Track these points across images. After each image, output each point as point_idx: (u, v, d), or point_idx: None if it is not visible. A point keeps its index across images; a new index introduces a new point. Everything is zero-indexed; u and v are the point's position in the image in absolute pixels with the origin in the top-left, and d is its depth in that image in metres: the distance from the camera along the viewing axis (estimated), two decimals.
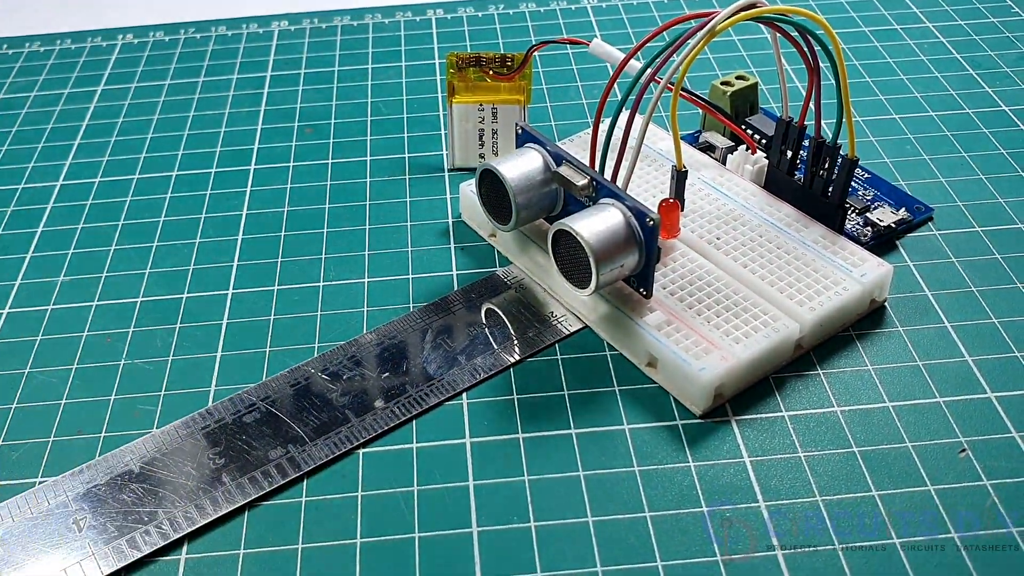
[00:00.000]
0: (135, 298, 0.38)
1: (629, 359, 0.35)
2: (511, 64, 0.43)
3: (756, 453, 0.31)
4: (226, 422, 0.33)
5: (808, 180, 0.38)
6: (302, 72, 0.52)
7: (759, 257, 0.36)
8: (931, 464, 0.31)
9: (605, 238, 0.33)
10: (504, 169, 0.36)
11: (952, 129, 0.46)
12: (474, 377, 0.34)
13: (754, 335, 0.33)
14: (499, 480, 0.31)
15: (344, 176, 0.44)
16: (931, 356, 0.35)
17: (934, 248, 0.39)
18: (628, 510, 0.30)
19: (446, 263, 0.39)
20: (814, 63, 0.36)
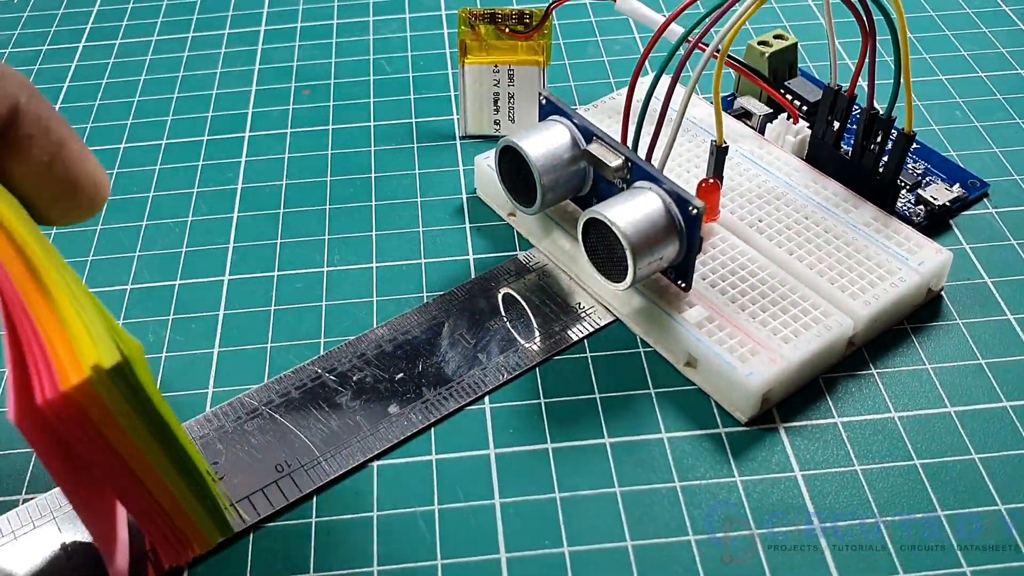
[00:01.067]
0: (124, 285, 0.35)
1: (666, 358, 0.32)
2: (529, 21, 0.39)
3: (808, 466, 0.29)
4: (226, 430, 0.30)
5: (857, 154, 0.35)
6: (298, 26, 0.48)
7: (806, 243, 0.33)
8: (1001, 480, 0.28)
9: (643, 228, 0.30)
10: (528, 146, 0.32)
11: (1004, 92, 0.42)
12: (497, 378, 0.31)
13: (804, 333, 0.30)
14: (528, 498, 0.28)
15: (346, 144, 0.41)
16: (994, 353, 0.32)
17: (991, 228, 0.36)
18: (670, 532, 0.27)
19: (461, 246, 0.36)
20: (869, 27, 0.32)
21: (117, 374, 0.21)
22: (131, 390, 0.21)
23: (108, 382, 0.20)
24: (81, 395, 0.20)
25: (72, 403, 0.20)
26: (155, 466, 0.23)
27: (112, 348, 0.21)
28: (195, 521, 0.25)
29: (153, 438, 0.22)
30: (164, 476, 0.23)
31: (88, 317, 0.21)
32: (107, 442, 0.22)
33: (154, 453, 0.23)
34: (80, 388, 0.20)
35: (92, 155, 0.24)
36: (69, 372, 0.20)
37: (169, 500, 0.24)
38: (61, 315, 0.21)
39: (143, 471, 0.23)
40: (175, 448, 0.23)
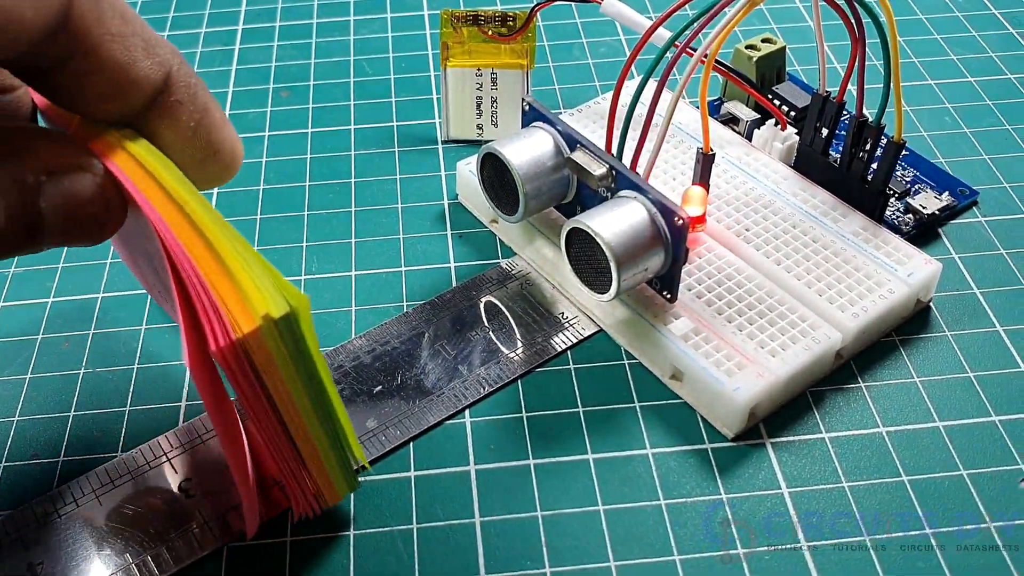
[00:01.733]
0: (95, 294, 0.34)
1: (650, 370, 0.31)
2: (513, 23, 0.38)
3: (795, 483, 0.28)
4: (197, 444, 0.29)
5: (846, 162, 0.34)
6: (277, 25, 0.47)
7: (794, 253, 0.32)
8: (989, 496, 0.28)
9: (627, 239, 0.29)
10: (510, 154, 0.32)
11: (993, 98, 0.42)
12: (478, 391, 0.31)
13: (792, 347, 0.30)
14: (509, 516, 0.28)
15: (326, 148, 0.40)
16: (983, 366, 0.31)
17: (981, 238, 0.35)
18: (655, 553, 0.27)
19: (443, 253, 0.35)
20: (859, 33, 0.32)
21: (285, 324, 0.22)
22: (295, 341, 0.22)
23: (276, 332, 0.22)
24: (252, 342, 0.21)
25: (243, 350, 0.21)
26: (303, 416, 0.24)
27: (280, 299, 0.22)
28: (329, 473, 0.26)
29: (306, 389, 0.23)
30: (309, 427, 0.24)
31: (254, 271, 0.22)
32: (265, 388, 0.23)
33: (304, 404, 0.24)
34: (252, 336, 0.21)
35: (230, 122, 0.25)
36: (240, 321, 0.21)
37: (309, 448, 0.25)
38: (228, 268, 0.21)
39: (292, 420, 0.24)
40: (324, 401, 0.24)
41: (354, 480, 0.27)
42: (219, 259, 0.21)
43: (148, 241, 0.24)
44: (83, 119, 0.23)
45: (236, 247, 0.22)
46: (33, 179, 0.21)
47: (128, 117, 0.23)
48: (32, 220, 0.22)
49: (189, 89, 0.23)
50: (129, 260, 0.31)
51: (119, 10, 0.21)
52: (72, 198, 0.22)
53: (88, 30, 0.21)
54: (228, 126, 0.25)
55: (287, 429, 0.24)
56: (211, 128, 0.24)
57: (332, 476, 0.26)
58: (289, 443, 0.24)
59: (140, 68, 0.22)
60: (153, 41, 0.22)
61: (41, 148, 0.22)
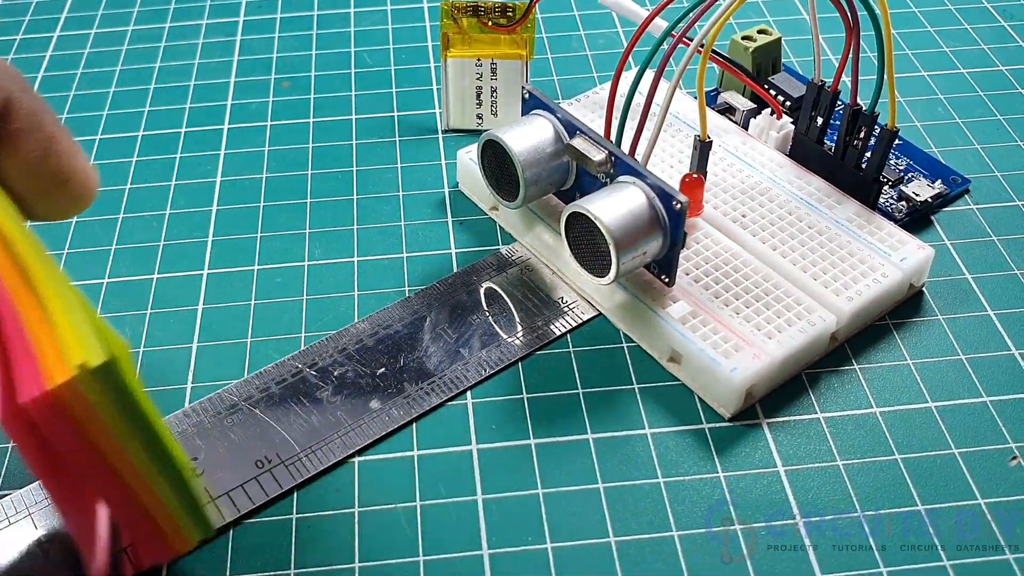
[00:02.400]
0: (100, 279, 0.35)
1: (649, 353, 0.32)
2: (512, 14, 0.39)
3: (791, 461, 0.29)
4: (205, 425, 0.30)
5: (840, 150, 0.35)
6: (278, 16, 0.47)
7: (789, 239, 0.33)
8: (981, 474, 0.28)
9: (626, 223, 0.29)
10: (510, 140, 0.32)
11: (986, 89, 0.42)
12: (480, 373, 0.31)
13: (788, 329, 0.30)
14: (510, 494, 0.28)
15: (327, 138, 0.40)
16: (975, 348, 0.32)
17: (972, 225, 0.36)
18: (653, 529, 0.27)
19: (443, 240, 0.36)
20: (853, 22, 0.32)
21: (103, 373, 0.20)
22: (116, 389, 0.21)
23: (93, 381, 0.20)
24: (67, 393, 0.20)
25: (57, 401, 0.20)
26: (137, 465, 0.23)
27: (98, 347, 0.20)
28: (176, 520, 0.25)
29: (136, 437, 0.22)
30: (146, 475, 0.23)
31: (75, 315, 0.21)
32: (90, 440, 0.21)
33: (136, 452, 0.22)
34: (66, 386, 0.20)
35: (82, 150, 0.24)
36: (54, 370, 0.20)
37: (150, 498, 0.24)
38: (48, 312, 0.20)
39: (125, 470, 0.22)
40: (158, 447, 0.23)
41: (207, 525, 0.25)
42: (40, 303, 0.21)
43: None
44: None
45: (60, 290, 0.21)
46: None
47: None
48: None
49: (33, 117, 0.22)
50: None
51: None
52: None
53: None
54: (80, 154, 0.24)
55: (122, 478, 0.23)
56: (59, 157, 0.23)
57: (180, 521, 0.25)
58: (127, 492, 0.23)
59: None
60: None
61: None
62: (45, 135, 0.22)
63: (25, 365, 0.20)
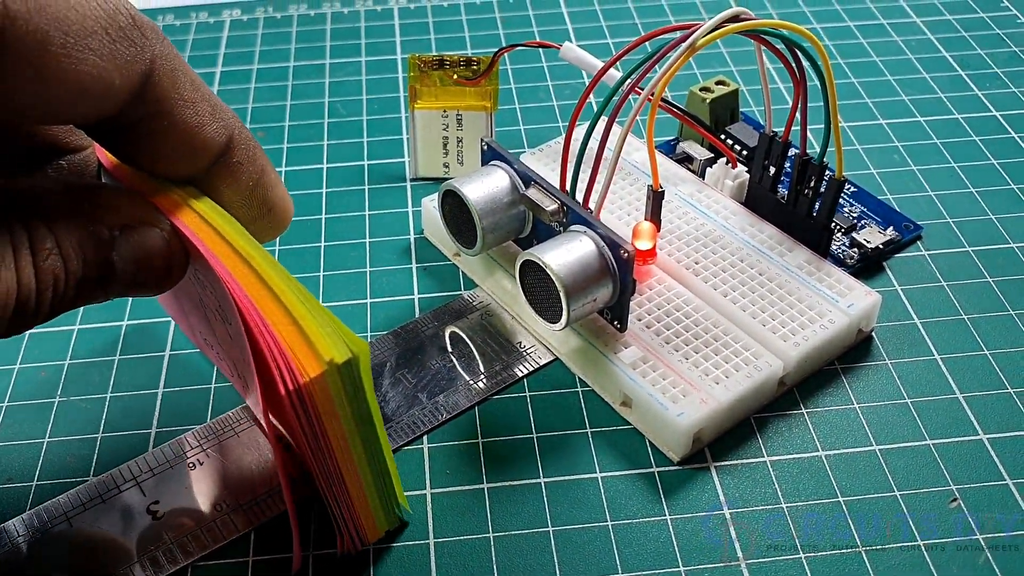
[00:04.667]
0: (72, 326, 0.36)
1: (602, 397, 0.32)
2: (477, 67, 0.40)
3: (736, 504, 0.29)
4: (166, 469, 0.30)
5: (792, 199, 0.36)
6: (254, 68, 0.49)
7: (740, 285, 0.34)
8: (921, 516, 0.29)
9: (576, 271, 0.30)
10: (468, 190, 0.33)
11: (941, 136, 0.43)
12: (436, 418, 0.32)
13: (735, 374, 0.31)
14: (462, 537, 0.29)
15: (299, 186, 0.41)
16: (920, 392, 0.33)
17: (923, 270, 0.37)
18: (600, 571, 0.28)
19: (407, 285, 0.37)
20: (800, 76, 0.33)
21: (347, 369, 0.23)
22: (354, 386, 0.24)
23: (338, 376, 0.23)
24: (316, 386, 0.23)
25: (308, 393, 0.23)
26: (355, 457, 0.25)
27: (343, 346, 0.23)
28: (372, 511, 0.27)
29: (359, 431, 0.25)
30: (359, 467, 0.26)
31: (318, 319, 0.23)
32: (324, 430, 0.24)
33: (356, 445, 0.25)
34: (317, 380, 0.23)
35: (282, 182, 0.27)
36: (306, 365, 0.23)
37: (356, 488, 0.26)
38: (294, 317, 0.23)
39: (344, 459, 0.25)
40: (374, 443, 0.26)
41: (394, 518, 0.28)
42: (284, 308, 0.23)
43: (204, 291, 0.26)
44: (147, 177, 0.25)
45: (300, 297, 0.24)
46: (108, 234, 0.24)
47: (192, 176, 0.25)
48: (105, 271, 0.23)
49: (249, 151, 0.25)
50: (178, 314, 0.33)
51: (190, 77, 0.23)
52: (142, 251, 0.24)
53: (165, 95, 0.23)
54: (281, 186, 0.27)
55: (340, 469, 0.25)
56: (267, 187, 0.26)
57: (374, 514, 0.27)
58: (341, 482, 0.26)
59: (207, 131, 0.24)
60: (219, 106, 0.24)
61: (115, 204, 0.24)
62: (257, 167, 0.26)
63: (280, 362, 0.23)
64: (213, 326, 0.28)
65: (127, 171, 0.26)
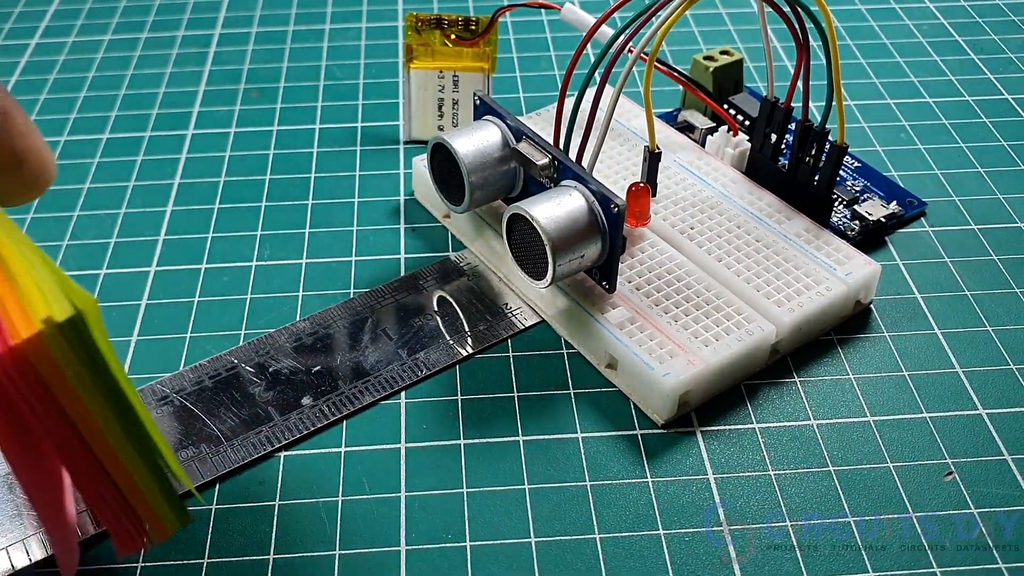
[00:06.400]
0: None
1: (588, 359, 0.31)
2: (475, 28, 0.39)
3: (722, 470, 0.28)
4: None
5: (793, 167, 0.35)
6: (253, 31, 0.48)
7: (736, 251, 0.33)
8: (914, 488, 0.28)
9: (564, 225, 0.29)
10: (457, 144, 0.32)
11: (950, 117, 0.42)
12: (416, 374, 0.31)
13: (725, 338, 0.30)
14: (434, 492, 0.28)
15: (289, 145, 0.41)
16: (918, 366, 0.31)
17: (926, 246, 0.36)
18: (576, 531, 0.27)
19: (394, 245, 0.36)
20: (803, 39, 0.32)
21: (70, 328, 0.19)
22: (84, 347, 0.20)
23: (60, 337, 0.19)
24: (32, 350, 0.19)
25: (22, 359, 0.19)
26: (110, 439, 0.21)
27: (64, 302, 0.19)
28: (153, 505, 0.23)
29: (108, 405, 0.21)
30: (120, 451, 0.21)
31: (39, 273, 0.20)
32: (59, 407, 0.20)
33: (110, 423, 0.21)
34: (31, 342, 0.19)
35: (38, 131, 0.23)
36: (19, 326, 0.19)
37: (125, 479, 0.22)
38: (10, 271, 0.20)
39: (97, 444, 0.21)
40: (132, 419, 0.21)
41: (184, 513, 0.24)
42: (2, 262, 0.20)
43: None
44: None
45: (22, 249, 0.20)
46: None
47: None
48: None
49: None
50: None
51: None
52: None
53: None
54: (36, 135, 0.23)
55: (93, 453, 0.21)
56: (13, 135, 0.22)
57: (157, 508, 0.23)
58: (100, 469, 0.22)
59: None
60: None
61: None
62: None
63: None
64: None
65: None
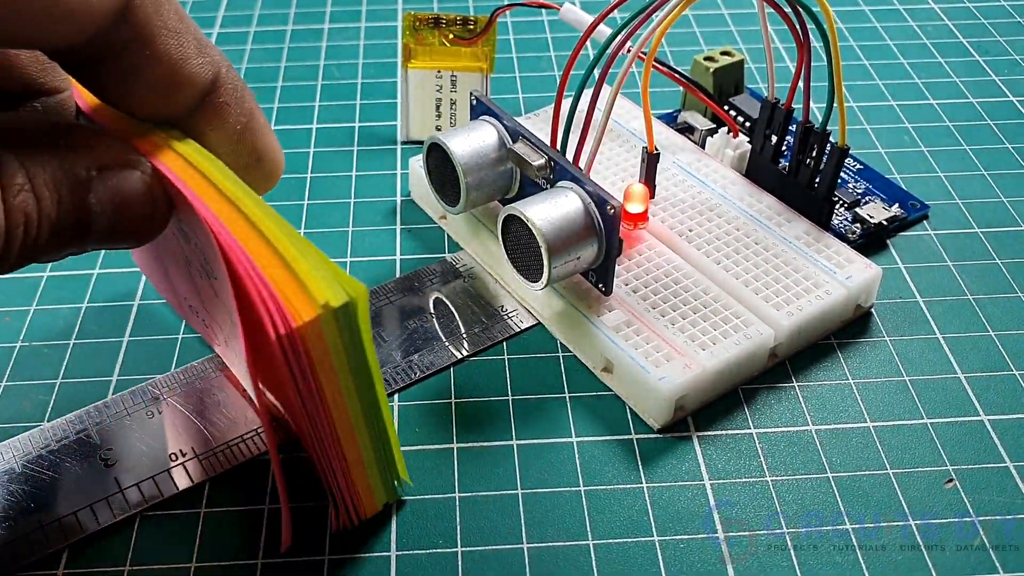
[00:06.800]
0: (40, 272, 0.34)
1: (583, 362, 0.31)
2: (474, 27, 0.39)
3: (718, 475, 0.28)
4: (123, 417, 0.29)
5: (793, 169, 0.34)
6: (252, 30, 0.48)
7: (734, 253, 0.32)
8: (914, 495, 0.27)
9: (559, 226, 0.29)
10: (453, 144, 0.32)
11: (954, 120, 0.42)
12: (408, 376, 0.30)
13: (723, 341, 0.29)
14: (426, 496, 0.27)
15: (286, 145, 0.40)
16: (920, 371, 0.31)
17: (928, 250, 0.35)
18: (569, 537, 0.26)
19: (390, 246, 0.35)
20: (804, 38, 0.32)
21: (344, 313, 0.21)
22: (351, 332, 0.22)
23: (335, 321, 0.21)
24: (311, 332, 0.21)
25: (301, 339, 0.21)
26: (351, 415, 0.23)
27: (339, 288, 0.21)
28: (370, 481, 0.25)
29: (356, 386, 0.23)
30: (356, 429, 0.23)
31: (311, 261, 0.21)
32: (319, 385, 0.22)
33: (353, 402, 0.23)
34: (311, 324, 0.21)
35: (272, 131, 0.25)
36: (300, 309, 0.21)
37: (354, 453, 0.24)
38: (285, 259, 0.21)
39: (340, 418, 0.23)
40: (373, 401, 0.23)
41: (393, 491, 0.26)
42: (275, 251, 0.21)
43: (188, 246, 0.24)
44: (128, 119, 0.23)
45: (292, 240, 0.21)
46: (85, 174, 0.21)
47: (175, 117, 0.23)
48: (81, 214, 0.21)
49: (236, 92, 0.23)
50: (155, 272, 0.31)
51: (175, 7, 0.22)
52: (121, 194, 0.22)
53: (147, 21, 0.21)
54: (271, 134, 0.25)
55: (336, 431, 0.23)
56: (256, 133, 0.24)
57: (372, 485, 0.25)
58: (338, 446, 0.24)
59: (192, 65, 0.22)
60: (204, 41, 0.22)
61: (92, 144, 0.22)
62: (246, 110, 0.24)
63: (270, 306, 0.20)
64: (199, 288, 0.26)
65: (107, 114, 0.24)
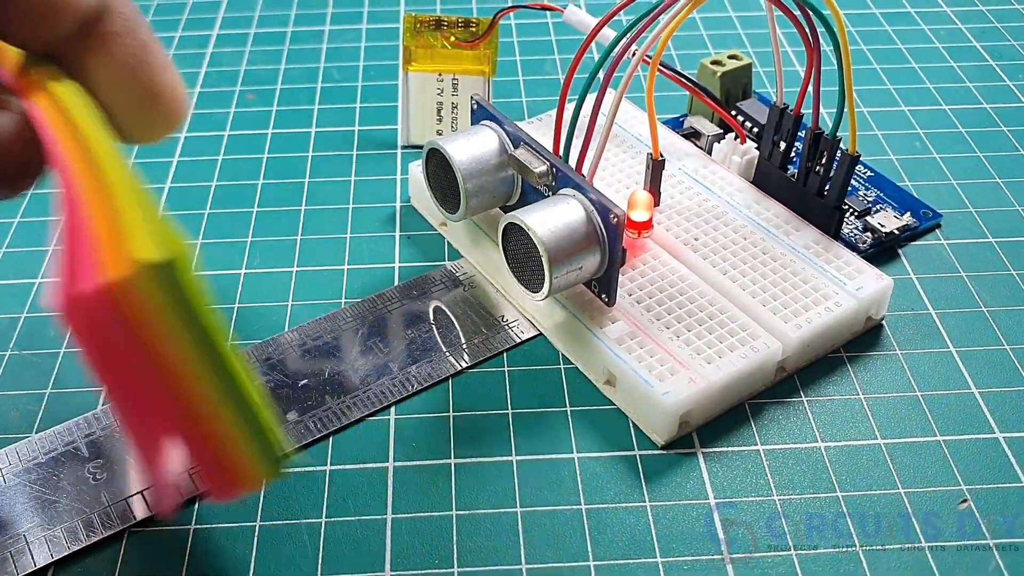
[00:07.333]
0: (33, 278, 0.34)
1: (585, 375, 0.30)
2: (476, 29, 0.38)
3: (724, 494, 0.27)
4: (114, 428, 0.28)
5: (802, 176, 0.33)
6: (252, 32, 0.47)
7: (741, 263, 0.32)
8: (926, 516, 0.26)
9: (561, 235, 0.28)
10: (452, 149, 0.31)
11: (967, 126, 0.41)
12: (406, 389, 0.30)
13: (729, 355, 0.29)
14: (422, 514, 0.26)
15: (284, 149, 0.39)
16: (932, 386, 0.30)
17: (941, 260, 0.34)
18: (569, 558, 0.25)
19: (388, 254, 0.35)
20: (814, 42, 0.31)
21: (161, 272, 0.19)
22: (175, 294, 0.19)
23: (150, 280, 0.19)
24: (120, 290, 0.19)
25: (108, 298, 0.19)
26: (200, 383, 0.21)
27: (159, 245, 0.19)
28: (244, 452, 0.22)
29: (199, 352, 0.20)
30: (210, 396, 0.21)
31: (141, 212, 0.19)
32: (148, 350, 0.20)
33: (200, 369, 0.21)
34: (120, 282, 0.18)
35: (174, 66, 0.22)
36: (111, 264, 0.19)
37: (215, 424, 0.21)
38: (115, 206, 0.19)
39: (186, 387, 0.21)
40: (223, 366, 0.21)
41: (275, 466, 0.23)
42: (110, 197, 0.19)
43: None
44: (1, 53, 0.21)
45: (131, 187, 0.20)
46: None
47: (57, 46, 0.21)
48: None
49: (128, 22, 0.21)
50: None
51: None
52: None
53: None
54: (171, 69, 0.22)
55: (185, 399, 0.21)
56: (152, 69, 0.22)
57: (248, 457, 0.22)
58: (190, 415, 0.21)
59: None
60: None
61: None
62: (139, 43, 0.21)
63: (85, 256, 0.19)
64: None
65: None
